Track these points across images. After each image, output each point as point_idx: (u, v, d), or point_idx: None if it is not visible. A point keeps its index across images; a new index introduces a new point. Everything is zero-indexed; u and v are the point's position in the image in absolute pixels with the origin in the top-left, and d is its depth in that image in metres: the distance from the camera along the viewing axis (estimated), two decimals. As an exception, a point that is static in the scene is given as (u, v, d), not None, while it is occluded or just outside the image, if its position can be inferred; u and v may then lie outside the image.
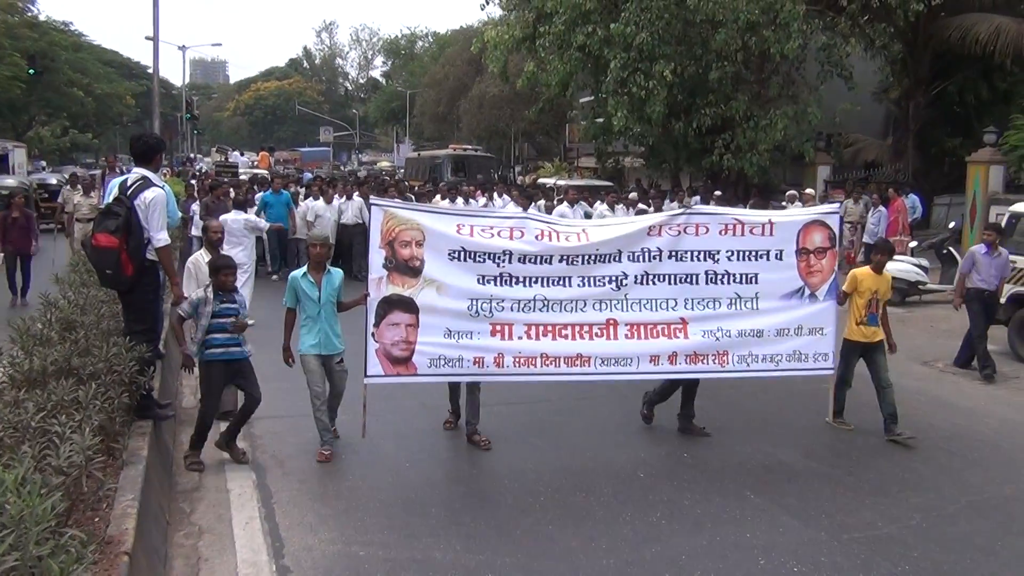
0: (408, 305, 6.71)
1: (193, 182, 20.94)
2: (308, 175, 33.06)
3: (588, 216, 14.93)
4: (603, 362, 6.97)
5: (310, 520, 5.65)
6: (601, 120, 23.49)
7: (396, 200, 10.55)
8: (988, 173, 18.74)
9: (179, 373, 8.60)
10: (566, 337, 6.92)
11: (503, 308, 6.84)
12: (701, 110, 20.50)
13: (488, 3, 26.06)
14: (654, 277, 7.10)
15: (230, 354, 6.44)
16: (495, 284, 6.84)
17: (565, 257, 6.95)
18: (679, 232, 7.16)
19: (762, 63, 21.19)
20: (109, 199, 6.43)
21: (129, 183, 6.35)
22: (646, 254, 7.09)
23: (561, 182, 24.03)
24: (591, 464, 6.82)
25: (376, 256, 6.72)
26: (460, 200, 17.32)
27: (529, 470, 6.62)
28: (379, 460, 6.77)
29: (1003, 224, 11.16)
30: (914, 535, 5.63)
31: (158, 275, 6.64)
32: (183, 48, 45.87)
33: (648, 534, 5.55)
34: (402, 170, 45.04)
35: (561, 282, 6.96)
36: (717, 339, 7.17)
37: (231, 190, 16.58)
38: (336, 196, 16.82)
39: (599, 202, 16.07)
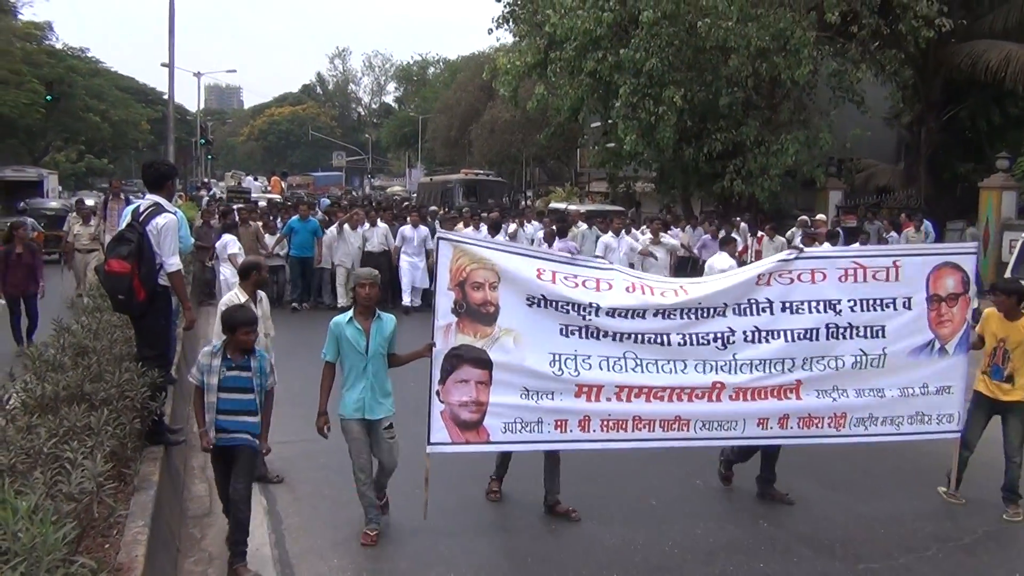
0: (480, 359, 5.77)
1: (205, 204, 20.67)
2: (325, 200, 32.96)
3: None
4: (704, 426, 6.09)
5: (321, 547, 5.62)
6: (612, 145, 23.60)
7: (466, 233, 10.24)
8: (1001, 199, 18.68)
9: (190, 398, 8.60)
10: (662, 399, 5.98)
11: (590, 366, 5.89)
12: (712, 135, 20.58)
13: (497, 27, 26.28)
14: (766, 334, 6.15)
15: (235, 440, 5.27)
16: (580, 337, 5.92)
17: (661, 311, 6.03)
18: (792, 280, 6.25)
19: (773, 89, 21.28)
20: (122, 225, 6.49)
21: (141, 209, 6.41)
22: (755, 307, 6.18)
23: (572, 207, 24.07)
24: (604, 491, 6.77)
25: (444, 300, 5.78)
26: (484, 228, 16.45)
27: (539, 498, 6.58)
28: (391, 485, 6.74)
29: (1015, 249, 11.07)
30: (931, 565, 5.56)
31: (170, 300, 6.67)
32: (198, 75, 46.38)
33: (660, 563, 5.50)
34: (414, 195, 45.18)
35: (657, 339, 6.00)
36: (834, 400, 6.25)
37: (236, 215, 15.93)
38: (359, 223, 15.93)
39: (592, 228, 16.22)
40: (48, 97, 35.28)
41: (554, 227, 14.97)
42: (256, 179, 64.28)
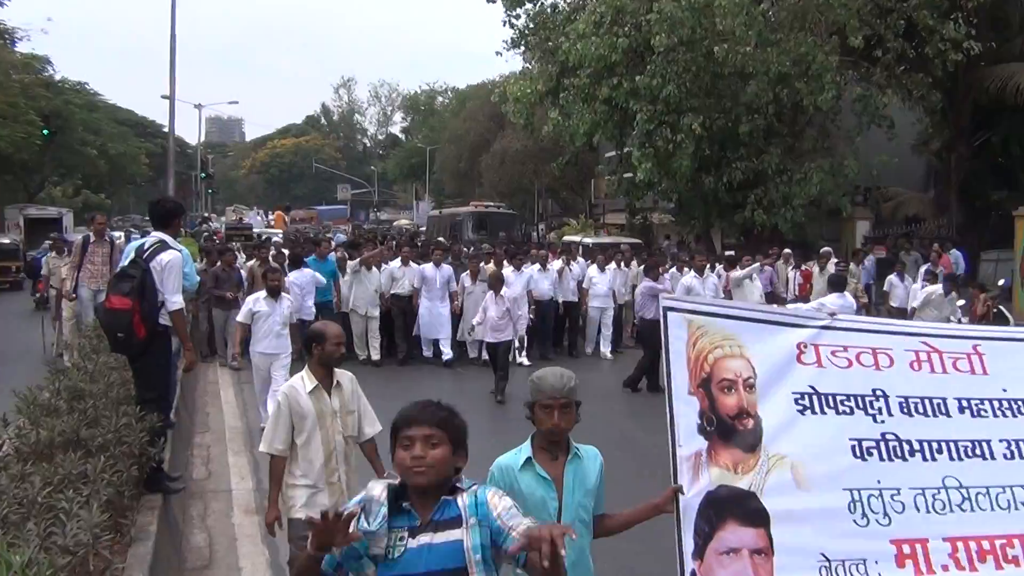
0: (751, 510, 3.65)
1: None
2: (340, 236, 31.08)
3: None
4: None
5: None
6: (629, 175, 23.70)
7: (693, 296, 9.72)
8: (1037, 227, 18.62)
9: (190, 443, 8.61)
10: (1016, 562, 3.83)
11: (902, 504, 3.87)
12: (732, 164, 20.65)
13: (507, 50, 26.58)
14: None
15: None
16: (880, 456, 3.92)
17: (966, 404, 4.09)
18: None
19: (795, 115, 21.39)
20: (125, 263, 6.55)
21: (147, 246, 6.47)
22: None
23: (587, 239, 24.14)
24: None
25: (685, 408, 3.77)
26: (535, 266, 14.96)
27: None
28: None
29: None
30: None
31: (170, 340, 6.69)
32: (199, 106, 47.05)
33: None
34: (422, 228, 45.43)
35: (976, 450, 4.01)
36: None
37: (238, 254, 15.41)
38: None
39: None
40: (46, 131, 35.84)
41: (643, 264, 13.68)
42: (258, 213, 64.75)
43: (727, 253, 16.84)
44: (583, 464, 3.60)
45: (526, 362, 14.07)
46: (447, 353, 13.88)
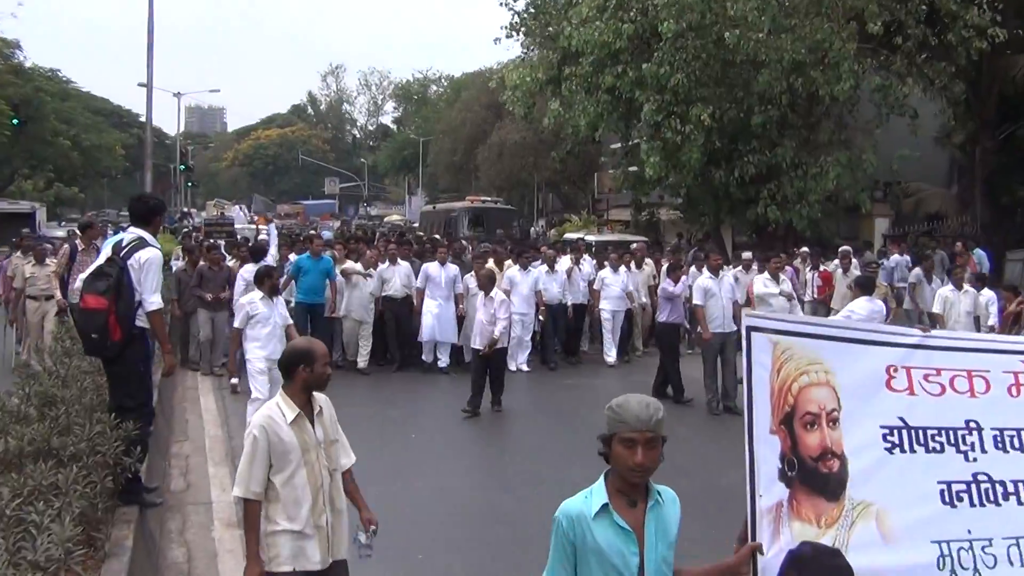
0: (836, 569, 3.24)
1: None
2: (327, 233, 31.45)
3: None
4: None
5: None
6: (634, 169, 23.69)
7: (767, 310, 9.61)
8: (1067, 225, 18.65)
9: (167, 453, 8.59)
10: None
11: (994, 558, 3.60)
12: (743, 157, 20.64)
13: (505, 37, 26.54)
14: None
15: None
16: (970, 501, 3.68)
17: None
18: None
19: (810, 106, 21.38)
20: (101, 260, 6.56)
21: (124, 243, 6.48)
22: None
23: (589, 237, 24.13)
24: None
25: (765, 451, 3.50)
26: (543, 267, 14.73)
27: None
28: (389, 549, 6.68)
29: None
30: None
31: (147, 344, 6.70)
32: (178, 95, 47.10)
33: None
34: (416, 224, 45.45)
35: None
36: None
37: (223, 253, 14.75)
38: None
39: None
40: (15, 121, 35.87)
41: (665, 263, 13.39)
42: (241, 209, 64.55)
43: (744, 254, 16.45)
44: (663, 511, 3.23)
45: (525, 368, 14.09)
46: (443, 360, 13.92)
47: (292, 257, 14.29)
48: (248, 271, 12.19)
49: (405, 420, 11.06)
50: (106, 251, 6.62)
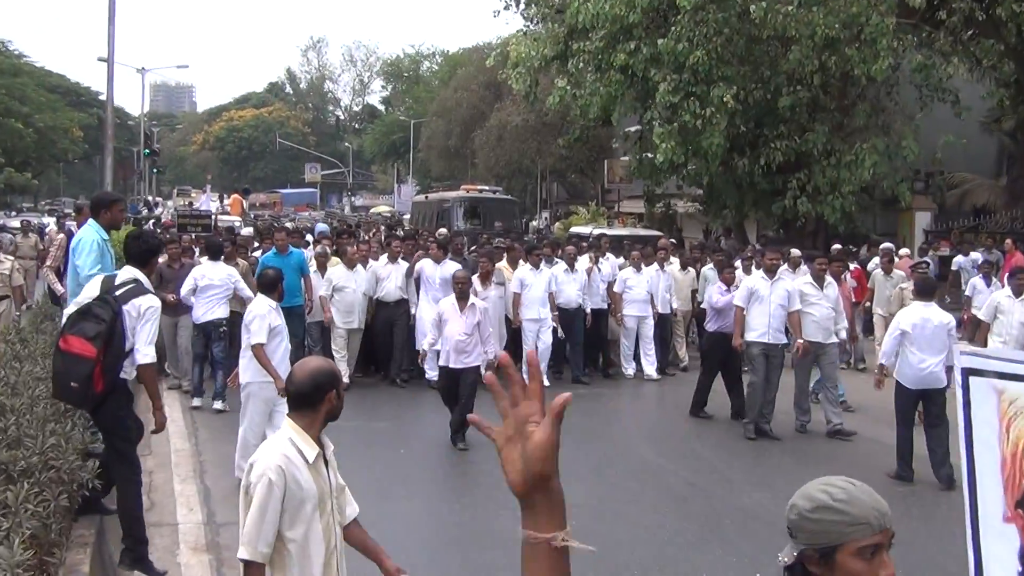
0: None
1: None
2: (321, 226, 30.20)
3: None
4: None
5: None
6: (649, 155, 23.64)
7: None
8: None
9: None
10: None
11: None
12: (770, 143, 20.63)
13: (505, 9, 26.47)
14: None
15: None
16: None
17: None
18: None
19: (844, 87, 21.38)
20: (86, 297, 6.34)
21: (118, 284, 6.37)
22: None
23: (598, 231, 24.08)
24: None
25: (998, 547, 2.81)
26: (558, 265, 14.12)
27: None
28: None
29: None
30: None
31: (129, 392, 6.67)
32: (143, 71, 47.04)
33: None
34: (406, 216, 45.41)
35: None
36: None
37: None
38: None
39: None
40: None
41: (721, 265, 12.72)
42: (211, 197, 64.24)
43: (793, 251, 15.39)
44: None
45: (545, 382, 12.86)
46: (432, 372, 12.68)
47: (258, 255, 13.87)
48: (203, 271, 11.77)
49: (392, 434, 11.05)
50: (94, 286, 6.49)
